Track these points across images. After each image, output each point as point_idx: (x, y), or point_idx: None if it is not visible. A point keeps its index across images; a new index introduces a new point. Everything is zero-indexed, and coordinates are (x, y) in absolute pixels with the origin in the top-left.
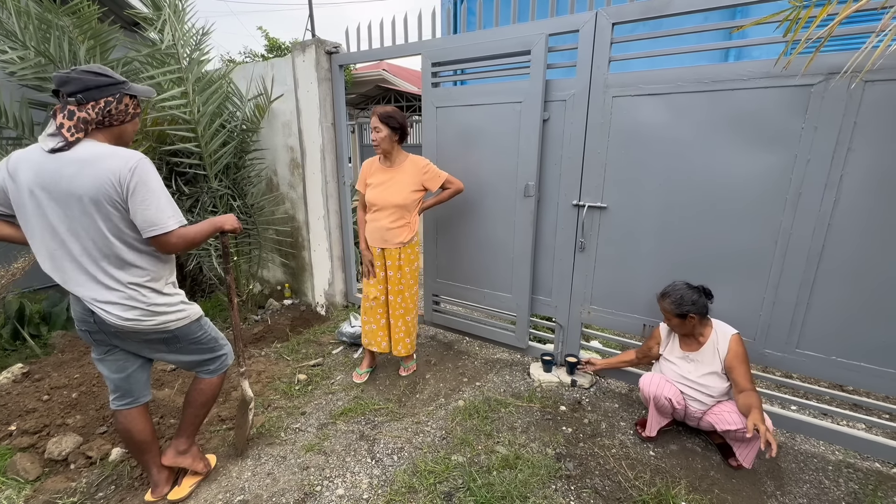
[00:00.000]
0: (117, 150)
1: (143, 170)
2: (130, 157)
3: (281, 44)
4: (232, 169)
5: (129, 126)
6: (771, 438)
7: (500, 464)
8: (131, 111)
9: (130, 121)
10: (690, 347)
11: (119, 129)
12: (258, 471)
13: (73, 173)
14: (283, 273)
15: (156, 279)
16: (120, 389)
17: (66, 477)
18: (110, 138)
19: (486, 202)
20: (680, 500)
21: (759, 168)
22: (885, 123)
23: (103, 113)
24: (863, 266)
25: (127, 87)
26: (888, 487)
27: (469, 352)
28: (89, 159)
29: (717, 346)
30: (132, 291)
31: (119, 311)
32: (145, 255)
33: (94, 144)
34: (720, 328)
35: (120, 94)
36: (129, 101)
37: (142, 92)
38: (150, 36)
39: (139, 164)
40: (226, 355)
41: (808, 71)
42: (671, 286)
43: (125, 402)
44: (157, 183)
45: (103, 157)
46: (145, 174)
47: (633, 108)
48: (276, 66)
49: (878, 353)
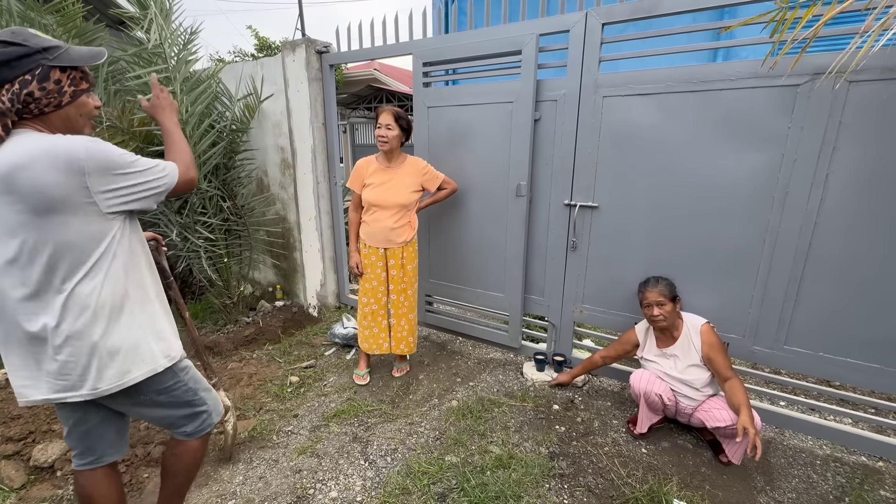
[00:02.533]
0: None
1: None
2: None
3: (271, 43)
4: (221, 170)
5: (71, 109)
6: (757, 442)
7: (494, 463)
8: (68, 89)
9: (71, 102)
10: (666, 343)
11: (56, 115)
12: (250, 475)
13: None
14: (274, 274)
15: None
16: (80, 445)
17: (53, 484)
18: (49, 129)
19: (478, 202)
20: (672, 496)
21: (747, 167)
22: (869, 123)
23: (20, 99)
24: (848, 263)
25: (53, 56)
26: (874, 480)
27: (462, 352)
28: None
29: (691, 338)
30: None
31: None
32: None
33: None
34: (689, 320)
35: (43, 69)
36: (60, 75)
37: (81, 58)
38: (137, 35)
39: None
40: (208, 412)
41: (795, 71)
42: (650, 277)
43: (86, 462)
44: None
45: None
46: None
47: (623, 108)
48: (266, 65)
49: (864, 349)
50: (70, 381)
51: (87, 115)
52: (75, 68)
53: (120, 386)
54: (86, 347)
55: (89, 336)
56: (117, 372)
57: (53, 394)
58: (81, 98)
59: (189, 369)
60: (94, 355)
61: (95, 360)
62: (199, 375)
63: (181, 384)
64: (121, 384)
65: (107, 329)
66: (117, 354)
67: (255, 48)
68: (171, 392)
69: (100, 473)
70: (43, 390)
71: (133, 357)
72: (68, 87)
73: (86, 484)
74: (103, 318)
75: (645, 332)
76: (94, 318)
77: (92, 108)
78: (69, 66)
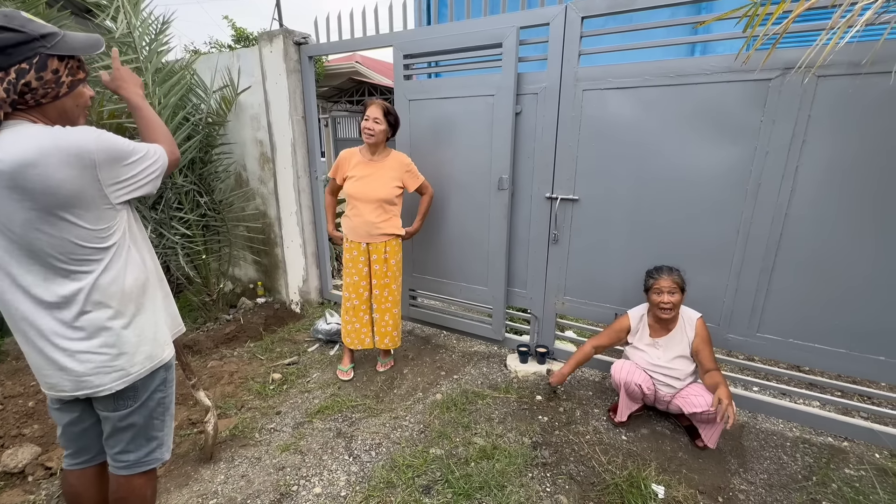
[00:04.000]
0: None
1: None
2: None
3: (249, 34)
4: (198, 164)
5: (68, 101)
6: (730, 412)
7: (478, 455)
8: (66, 79)
9: (68, 93)
10: (659, 333)
11: (52, 106)
12: (231, 473)
13: None
14: (255, 271)
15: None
16: (73, 445)
17: (24, 490)
18: (44, 121)
19: (460, 196)
20: (650, 481)
21: (722, 160)
22: (836, 117)
23: (16, 89)
24: (816, 253)
25: (51, 44)
26: (839, 460)
27: (446, 345)
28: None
29: (686, 330)
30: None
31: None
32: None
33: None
34: (685, 312)
35: (41, 58)
36: (58, 64)
37: (80, 47)
38: (105, 24)
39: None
40: (160, 443)
41: (766, 66)
42: (663, 265)
43: (78, 462)
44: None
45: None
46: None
47: (602, 101)
48: (243, 56)
49: (830, 335)
50: (96, 376)
51: (83, 106)
52: (73, 57)
53: (145, 372)
54: (112, 339)
55: (113, 328)
56: (146, 357)
57: (78, 391)
58: (78, 88)
59: (173, 381)
60: (121, 346)
61: (123, 352)
62: (173, 396)
63: (164, 392)
64: (150, 367)
65: (132, 320)
66: (142, 345)
67: (231, 39)
68: (153, 396)
69: (90, 473)
70: (67, 386)
71: (153, 345)
72: (66, 77)
73: (76, 483)
74: (130, 307)
75: (639, 319)
76: (119, 308)
77: (87, 98)
78: (67, 55)
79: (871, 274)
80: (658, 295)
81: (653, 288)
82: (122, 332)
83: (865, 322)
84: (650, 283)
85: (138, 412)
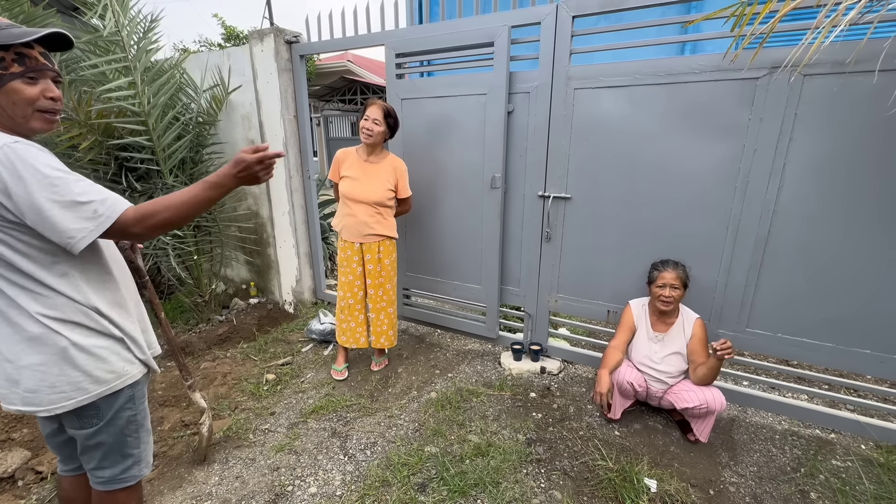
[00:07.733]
0: None
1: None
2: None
3: (239, 32)
4: (188, 164)
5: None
6: (728, 344)
7: (473, 452)
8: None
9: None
10: (660, 328)
11: None
12: (226, 475)
13: None
14: (248, 271)
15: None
16: (60, 454)
17: (14, 495)
18: None
19: (453, 195)
20: (643, 475)
21: (711, 158)
22: (822, 115)
23: None
24: (803, 249)
25: None
26: (827, 451)
27: (441, 344)
28: None
29: (684, 328)
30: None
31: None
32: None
33: None
34: (685, 311)
35: None
36: None
37: (6, 36)
38: (92, 22)
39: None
40: (136, 461)
41: (754, 65)
42: (668, 259)
43: (69, 469)
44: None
45: None
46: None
47: (594, 100)
48: (234, 55)
49: (818, 330)
50: (41, 393)
51: (26, 105)
52: (4, 49)
53: (105, 391)
54: (62, 355)
55: (60, 345)
56: (103, 376)
57: (25, 406)
58: (11, 84)
59: (143, 398)
60: (73, 363)
61: (75, 370)
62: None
63: (133, 410)
64: (109, 388)
65: (88, 336)
66: (99, 363)
67: (222, 38)
68: (120, 415)
69: (84, 479)
70: (17, 401)
71: (112, 364)
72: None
73: (69, 488)
74: (86, 322)
75: (640, 308)
76: (75, 323)
77: (32, 96)
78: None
79: (857, 269)
80: (661, 288)
81: (656, 281)
82: (73, 350)
83: (852, 316)
84: (654, 275)
85: (105, 431)
